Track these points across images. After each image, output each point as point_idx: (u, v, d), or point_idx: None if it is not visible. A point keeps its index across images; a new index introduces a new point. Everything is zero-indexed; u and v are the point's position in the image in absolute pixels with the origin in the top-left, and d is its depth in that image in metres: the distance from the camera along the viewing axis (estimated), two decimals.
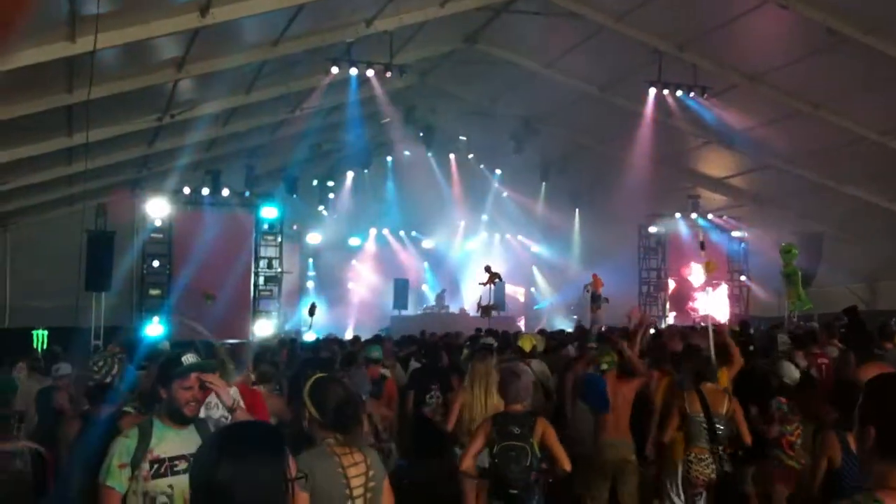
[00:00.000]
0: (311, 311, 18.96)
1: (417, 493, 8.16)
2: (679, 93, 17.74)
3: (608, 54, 17.85)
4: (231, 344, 13.14)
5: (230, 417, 4.49)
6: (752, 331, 14.35)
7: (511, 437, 5.80)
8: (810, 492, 5.33)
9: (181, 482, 3.93)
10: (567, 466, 5.88)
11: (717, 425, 7.04)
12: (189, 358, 4.19)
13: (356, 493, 3.92)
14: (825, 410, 6.70)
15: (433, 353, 10.98)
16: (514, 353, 10.29)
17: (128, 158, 19.55)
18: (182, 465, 4.01)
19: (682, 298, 22.74)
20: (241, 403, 4.76)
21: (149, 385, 5.10)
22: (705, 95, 17.69)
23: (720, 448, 7.01)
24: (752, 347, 10.14)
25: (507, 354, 10.29)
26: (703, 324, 16.65)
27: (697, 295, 22.74)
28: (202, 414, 4.55)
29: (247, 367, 6.93)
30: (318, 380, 4.27)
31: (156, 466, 4.01)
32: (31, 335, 19.09)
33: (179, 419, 4.15)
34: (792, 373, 8.19)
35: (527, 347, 10.07)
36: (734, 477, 7.02)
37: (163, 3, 12.24)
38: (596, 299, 22.24)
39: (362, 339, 14.90)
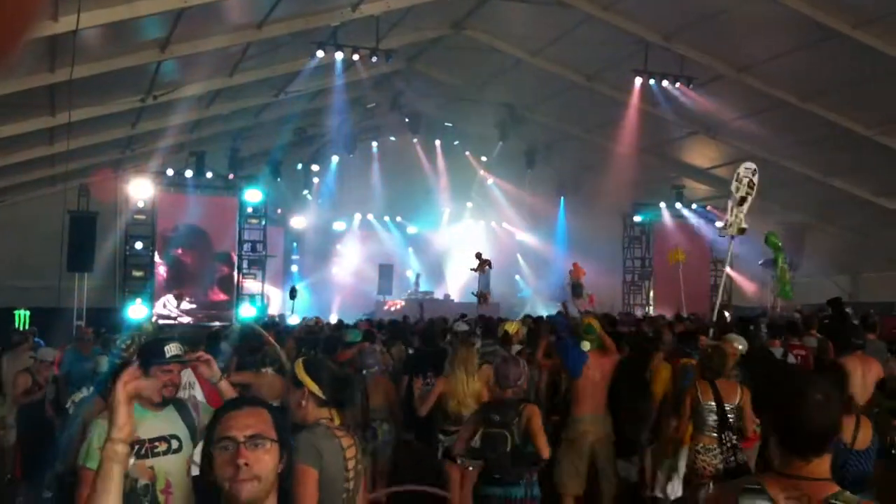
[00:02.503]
0: (292, 295, 18.95)
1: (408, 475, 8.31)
2: (665, 83, 17.77)
3: (595, 43, 17.79)
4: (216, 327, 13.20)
5: (186, 398, 4.54)
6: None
7: (492, 425, 5.92)
8: None
9: (162, 463, 3.95)
10: (545, 454, 5.95)
11: (729, 415, 6.83)
12: (172, 349, 4.20)
13: (350, 475, 3.93)
14: None
15: (429, 338, 10.99)
16: (495, 339, 10.31)
17: (111, 139, 19.40)
18: (162, 447, 4.00)
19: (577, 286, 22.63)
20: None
21: None
22: (691, 86, 17.73)
23: (733, 438, 6.77)
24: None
25: (489, 340, 10.29)
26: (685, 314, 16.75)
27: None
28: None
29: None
30: (310, 357, 4.29)
31: (136, 448, 3.99)
32: (14, 315, 19.00)
33: (157, 401, 4.14)
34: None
35: (512, 330, 10.15)
36: (744, 468, 6.66)
37: None
38: (577, 288, 22.24)
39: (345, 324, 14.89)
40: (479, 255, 23.51)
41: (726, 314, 14.82)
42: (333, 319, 21.86)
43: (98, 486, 2.30)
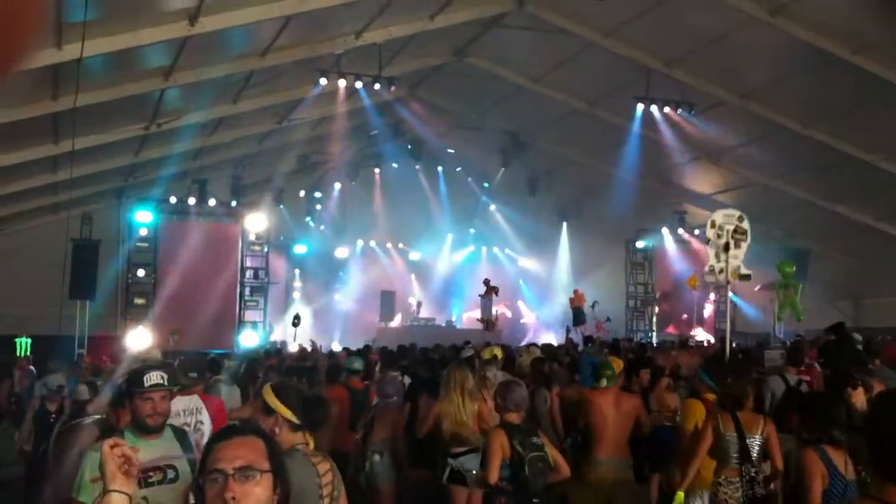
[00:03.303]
0: (295, 322, 18.89)
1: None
2: (667, 109, 17.82)
3: (596, 70, 17.89)
4: (216, 354, 13.14)
5: (192, 424, 4.48)
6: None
7: (536, 448, 5.88)
8: None
9: (156, 494, 3.87)
10: (567, 473, 6.06)
11: (751, 446, 6.59)
12: (152, 377, 4.15)
13: (325, 501, 3.87)
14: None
15: (428, 366, 10.92)
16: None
17: (114, 167, 19.44)
18: (156, 476, 3.93)
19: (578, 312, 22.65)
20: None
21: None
22: (693, 112, 17.77)
23: (752, 470, 6.53)
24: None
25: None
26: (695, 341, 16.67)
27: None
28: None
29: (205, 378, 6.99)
30: (278, 383, 4.31)
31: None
32: (15, 343, 18.96)
33: (146, 430, 4.10)
34: (780, 387, 8.07)
35: (486, 356, 10.15)
36: (765, 501, 6.45)
37: (152, 11, 12.19)
38: (578, 315, 22.27)
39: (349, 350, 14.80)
40: (487, 282, 23.56)
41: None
42: (336, 346, 21.79)
43: None
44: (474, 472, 6.70)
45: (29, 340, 19.00)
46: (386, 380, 8.60)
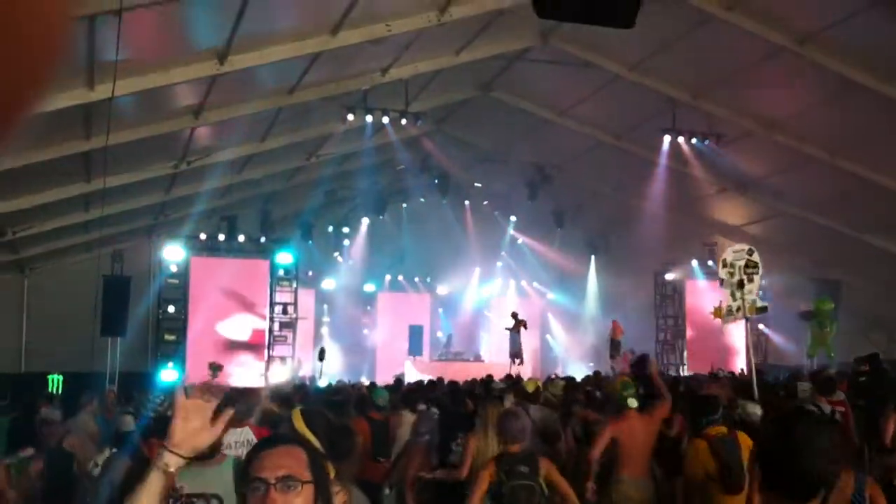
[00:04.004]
0: (321, 356, 18.89)
1: None
2: (693, 140, 17.78)
3: (622, 102, 17.92)
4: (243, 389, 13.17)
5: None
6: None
7: (520, 477, 5.83)
8: None
9: None
10: (576, 502, 5.94)
11: None
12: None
13: None
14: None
15: (458, 399, 10.84)
16: (516, 396, 10.21)
17: (145, 205, 19.67)
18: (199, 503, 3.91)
19: (615, 344, 22.56)
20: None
21: None
22: (720, 143, 17.72)
23: None
24: None
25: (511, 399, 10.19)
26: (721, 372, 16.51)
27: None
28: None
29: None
30: (308, 409, 4.23)
31: (171, 501, 3.93)
32: (47, 379, 19.12)
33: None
34: None
35: (530, 389, 10.01)
36: None
37: (182, 51, 12.41)
38: (615, 346, 22.17)
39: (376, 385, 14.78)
40: (515, 315, 23.48)
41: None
42: (365, 381, 21.77)
43: (136, 489, 2.25)
44: None
45: (61, 377, 19.16)
46: (424, 416, 8.53)
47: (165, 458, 2.26)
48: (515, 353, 22.60)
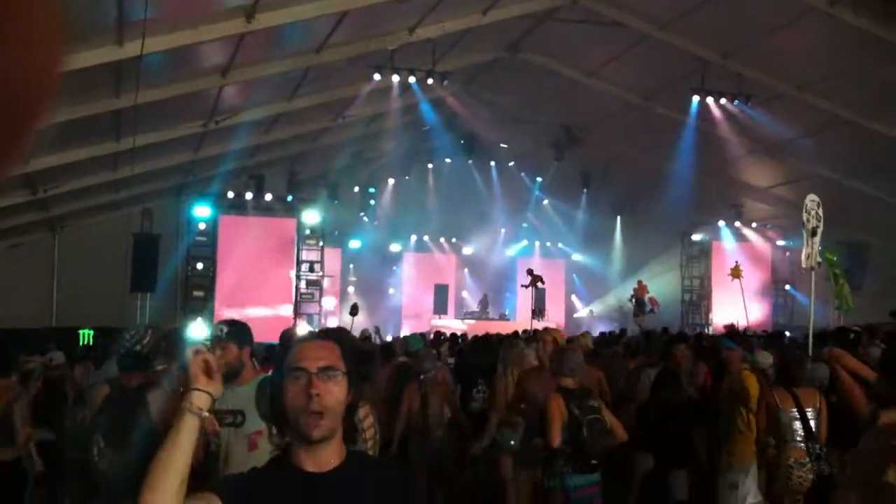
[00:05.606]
0: (353, 311, 19.05)
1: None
2: (723, 101, 17.61)
3: (651, 63, 17.75)
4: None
5: None
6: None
7: (593, 411, 6.00)
8: None
9: (224, 433, 4.08)
10: (624, 436, 6.18)
11: (811, 422, 6.37)
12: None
13: (368, 444, 3.96)
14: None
15: (480, 349, 11.08)
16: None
17: (173, 164, 19.79)
18: (228, 419, 4.10)
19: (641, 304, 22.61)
20: None
21: None
22: (749, 104, 17.53)
23: (818, 447, 6.27)
24: None
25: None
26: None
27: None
28: None
29: None
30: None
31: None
32: (78, 334, 19.44)
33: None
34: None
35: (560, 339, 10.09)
36: (830, 480, 6.07)
37: (210, 9, 12.41)
38: (641, 306, 22.19)
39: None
40: (530, 272, 23.51)
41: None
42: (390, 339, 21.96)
43: (168, 438, 2.26)
44: (512, 442, 6.79)
45: (91, 332, 19.48)
46: (422, 355, 8.72)
47: (194, 398, 2.32)
48: (538, 310, 22.66)
